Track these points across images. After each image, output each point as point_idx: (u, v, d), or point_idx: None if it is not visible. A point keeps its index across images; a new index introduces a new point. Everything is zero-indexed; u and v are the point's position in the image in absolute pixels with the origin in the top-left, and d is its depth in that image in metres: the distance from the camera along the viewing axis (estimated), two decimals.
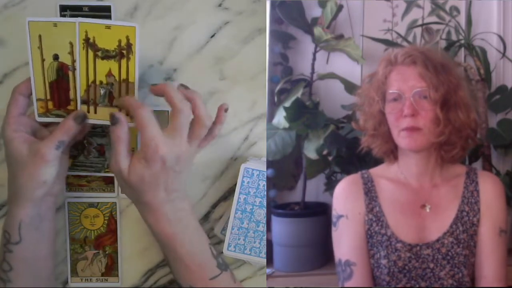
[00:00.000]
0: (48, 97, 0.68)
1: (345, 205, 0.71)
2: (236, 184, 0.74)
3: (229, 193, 0.79)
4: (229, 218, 0.74)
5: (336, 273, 0.70)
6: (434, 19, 0.99)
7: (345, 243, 0.69)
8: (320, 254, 0.95)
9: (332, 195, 0.73)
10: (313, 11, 0.97)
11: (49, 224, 0.71)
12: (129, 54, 0.66)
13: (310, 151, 0.89)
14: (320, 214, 0.95)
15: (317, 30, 0.93)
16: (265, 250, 0.74)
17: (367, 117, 0.72)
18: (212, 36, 0.77)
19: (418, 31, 0.99)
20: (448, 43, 0.97)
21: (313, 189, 0.99)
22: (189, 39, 0.77)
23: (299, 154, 0.93)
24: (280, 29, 0.99)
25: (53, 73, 0.68)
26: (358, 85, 0.94)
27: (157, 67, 0.77)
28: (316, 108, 0.91)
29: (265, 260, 0.75)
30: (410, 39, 0.99)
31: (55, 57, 0.67)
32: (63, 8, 0.74)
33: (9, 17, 0.75)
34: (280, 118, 0.90)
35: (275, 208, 0.96)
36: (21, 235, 0.68)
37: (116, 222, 0.79)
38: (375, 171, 0.73)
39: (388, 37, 0.99)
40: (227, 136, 0.79)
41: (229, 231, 0.74)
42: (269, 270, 0.94)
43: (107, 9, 0.74)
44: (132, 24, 0.65)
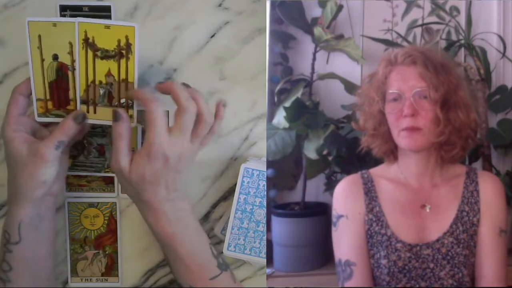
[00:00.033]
0: (48, 97, 0.68)
1: (345, 205, 0.71)
2: (236, 184, 0.74)
3: (229, 193, 0.79)
4: (229, 218, 0.74)
5: (336, 273, 0.70)
6: (434, 19, 0.99)
7: (345, 243, 0.69)
8: (320, 254, 0.95)
9: (332, 195, 0.73)
10: (313, 11, 0.97)
11: (49, 224, 0.71)
12: (129, 54, 0.66)
13: (310, 151, 0.89)
14: (320, 214, 0.95)
15: (317, 30, 0.93)
16: (265, 250, 0.74)
17: (367, 117, 0.72)
18: (212, 36, 0.77)
19: (418, 31, 0.99)
20: (448, 43, 0.97)
21: (313, 189, 0.99)
22: (189, 39, 0.77)
23: (299, 154, 0.93)
24: (280, 29, 0.99)
25: (52, 73, 0.68)
26: (358, 85, 0.94)
27: (157, 67, 0.77)
28: (316, 108, 0.91)
29: (265, 260, 0.75)
30: (410, 39, 0.99)
31: (55, 57, 0.67)
32: (63, 8, 0.74)
33: (9, 17, 0.75)
34: (280, 118, 0.90)
35: (275, 208, 0.96)
36: (21, 235, 0.68)
37: (116, 222, 0.79)
38: (375, 171, 0.73)
39: (388, 37, 0.99)
40: (227, 136, 0.79)
41: (229, 231, 0.74)
42: (269, 270, 0.94)
43: (107, 9, 0.74)
44: (132, 24, 0.65)
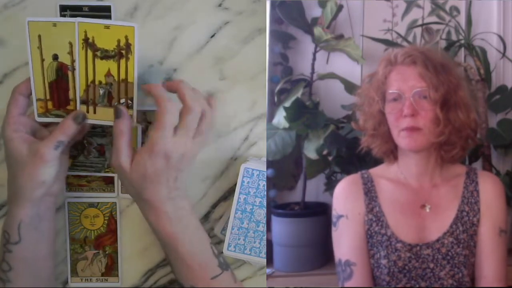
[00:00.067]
0: (48, 97, 0.68)
1: (345, 205, 0.71)
2: (236, 184, 0.74)
3: (229, 193, 0.79)
4: (229, 218, 0.74)
5: (336, 273, 0.70)
6: (434, 19, 0.99)
7: (345, 243, 0.69)
8: (320, 254, 0.95)
9: (332, 195, 0.73)
10: (313, 11, 0.97)
11: (48, 224, 0.71)
12: (128, 54, 0.66)
13: (310, 151, 0.89)
14: (320, 214, 0.95)
15: (317, 30, 0.93)
16: (265, 250, 0.74)
17: (367, 117, 0.72)
18: (212, 36, 0.77)
19: (418, 31, 0.99)
20: (448, 43, 0.97)
21: (313, 189, 0.99)
22: (189, 39, 0.77)
23: (299, 154, 0.93)
24: (280, 29, 0.99)
25: (52, 73, 0.68)
26: (358, 85, 0.93)
27: (157, 67, 0.77)
28: (316, 108, 0.91)
29: (265, 260, 0.75)
30: (410, 39, 0.99)
31: (55, 57, 0.67)
32: (63, 8, 0.74)
33: (9, 17, 0.75)
34: (280, 118, 0.90)
35: (275, 208, 0.96)
36: (21, 235, 0.68)
37: (116, 222, 0.79)
38: (375, 171, 0.73)
39: (388, 37, 0.99)
40: (227, 136, 0.79)
41: (229, 231, 0.74)
42: (269, 270, 0.94)
43: (107, 9, 0.74)
44: (131, 24, 0.65)
